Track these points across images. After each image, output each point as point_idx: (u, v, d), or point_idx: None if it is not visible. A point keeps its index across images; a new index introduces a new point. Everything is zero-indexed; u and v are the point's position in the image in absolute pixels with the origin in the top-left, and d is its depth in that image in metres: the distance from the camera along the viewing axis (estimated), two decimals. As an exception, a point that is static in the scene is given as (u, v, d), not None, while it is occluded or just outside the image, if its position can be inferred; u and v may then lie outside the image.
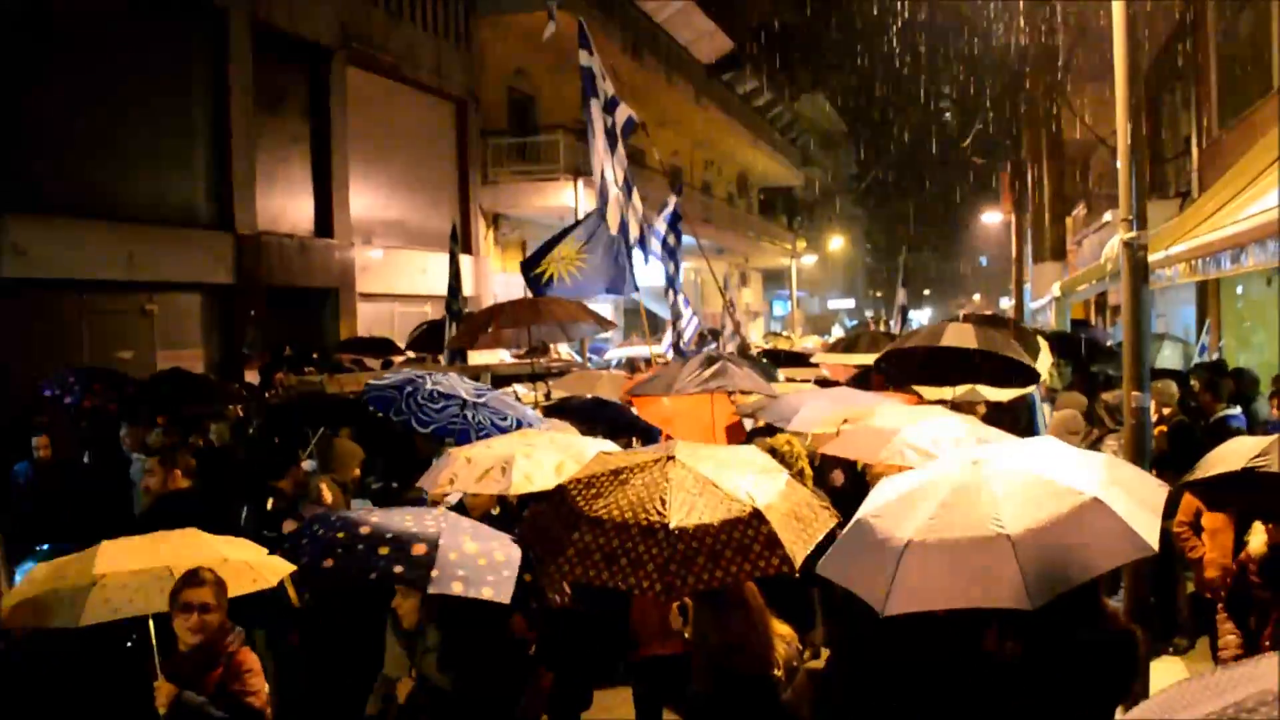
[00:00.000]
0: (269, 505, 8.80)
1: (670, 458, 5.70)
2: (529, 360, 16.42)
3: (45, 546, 8.85)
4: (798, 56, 69.01)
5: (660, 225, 17.61)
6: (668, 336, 18.72)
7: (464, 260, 31.02)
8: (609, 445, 8.25)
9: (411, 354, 20.14)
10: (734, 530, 5.22)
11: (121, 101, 19.75)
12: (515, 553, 6.20)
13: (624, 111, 14.95)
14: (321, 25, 24.88)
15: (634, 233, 14.85)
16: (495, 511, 7.81)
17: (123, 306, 19.99)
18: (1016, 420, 12.09)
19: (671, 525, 5.18)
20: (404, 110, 29.29)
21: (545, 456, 7.49)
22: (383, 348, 20.93)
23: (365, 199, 27.10)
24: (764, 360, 16.61)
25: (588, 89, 14.82)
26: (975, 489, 4.84)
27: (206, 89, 22.01)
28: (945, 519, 4.74)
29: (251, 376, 18.74)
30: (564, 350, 22.19)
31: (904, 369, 11.71)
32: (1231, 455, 6.35)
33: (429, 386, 9.47)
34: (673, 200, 17.78)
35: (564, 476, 6.63)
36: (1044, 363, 13.20)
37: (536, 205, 32.96)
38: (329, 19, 25.11)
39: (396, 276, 28.04)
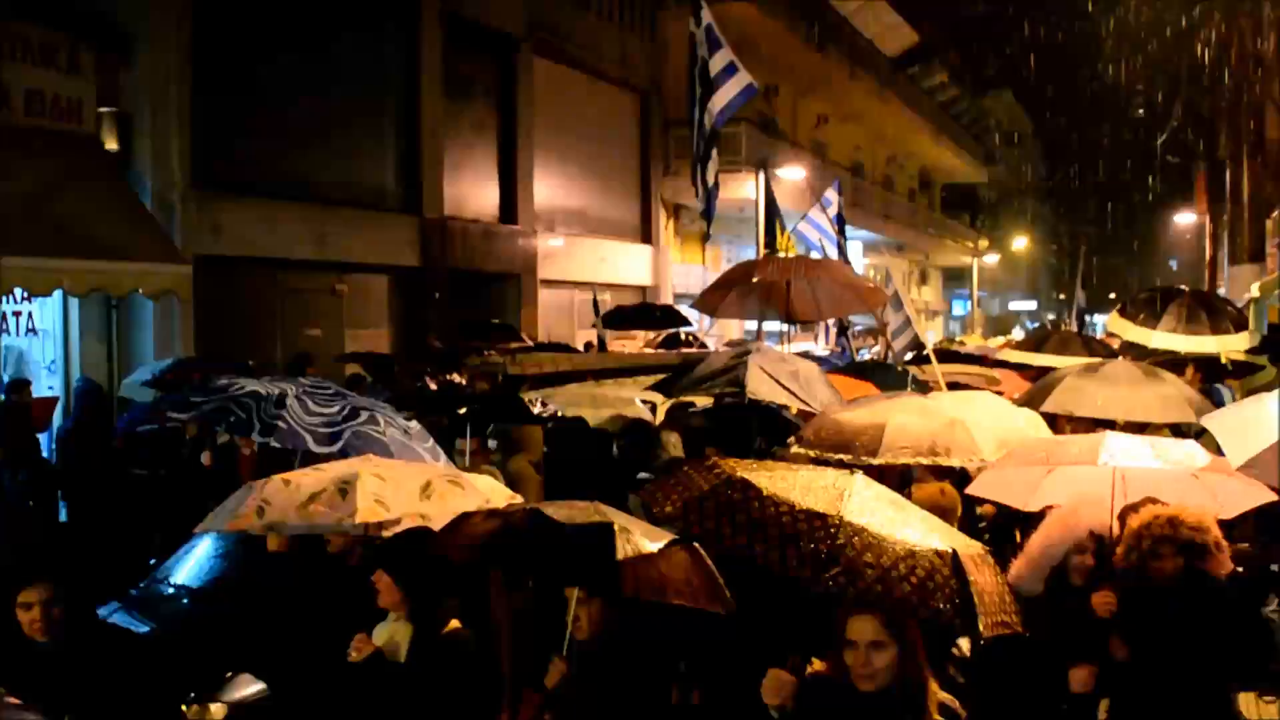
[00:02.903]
0: None
1: (853, 470, 5.30)
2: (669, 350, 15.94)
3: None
4: (985, 51, 67.81)
5: (819, 216, 17.45)
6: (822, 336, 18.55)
7: (644, 250, 31.35)
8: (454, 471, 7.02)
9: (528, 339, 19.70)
10: (917, 562, 4.61)
11: (317, 87, 20.31)
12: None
13: (743, 78, 14.70)
14: (509, 15, 25.27)
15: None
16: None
17: (314, 285, 20.58)
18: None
19: (848, 518, 4.71)
20: (588, 100, 29.58)
21: (407, 476, 6.38)
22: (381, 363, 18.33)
23: (548, 187, 27.45)
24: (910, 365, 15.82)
25: (691, 56, 14.65)
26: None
27: (398, 76, 22.53)
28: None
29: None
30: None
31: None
32: None
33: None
34: (834, 196, 17.51)
35: (436, 501, 6.09)
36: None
37: (718, 197, 32.94)
38: (516, 9, 25.48)
39: (577, 264, 28.34)
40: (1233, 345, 13.18)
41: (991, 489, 7.07)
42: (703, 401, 11.59)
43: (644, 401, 12.26)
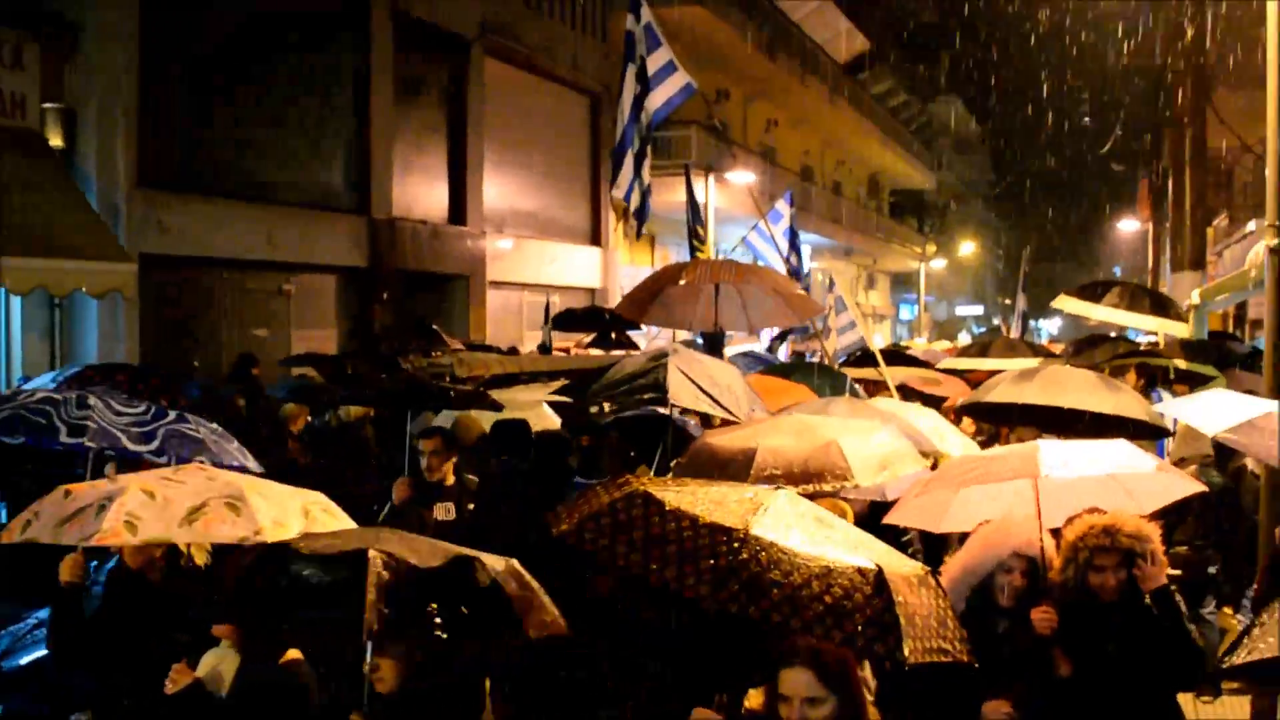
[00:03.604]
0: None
1: (780, 488, 4.98)
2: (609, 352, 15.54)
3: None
4: (934, 58, 68.37)
5: (768, 229, 17.48)
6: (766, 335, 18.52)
7: (593, 253, 31.36)
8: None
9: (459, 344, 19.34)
10: (834, 580, 4.27)
11: (266, 85, 20.21)
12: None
13: (681, 77, 14.69)
14: (461, 16, 25.19)
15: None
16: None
17: (261, 285, 20.45)
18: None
19: (753, 531, 4.37)
20: (539, 102, 29.54)
21: (285, 495, 5.94)
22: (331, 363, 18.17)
23: (498, 188, 27.40)
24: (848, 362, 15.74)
25: (627, 55, 14.63)
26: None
27: (349, 76, 22.42)
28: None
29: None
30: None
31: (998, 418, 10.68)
32: None
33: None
34: (785, 209, 17.53)
35: (318, 526, 5.67)
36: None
37: (667, 200, 32.96)
38: (468, 10, 25.41)
39: (525, 266, 28.30)
40: (1172, 330, 13.58)
41: (908, 514, 6.84)
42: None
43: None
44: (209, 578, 6.02)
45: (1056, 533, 5.72)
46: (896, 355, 18.50)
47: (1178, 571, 7.32)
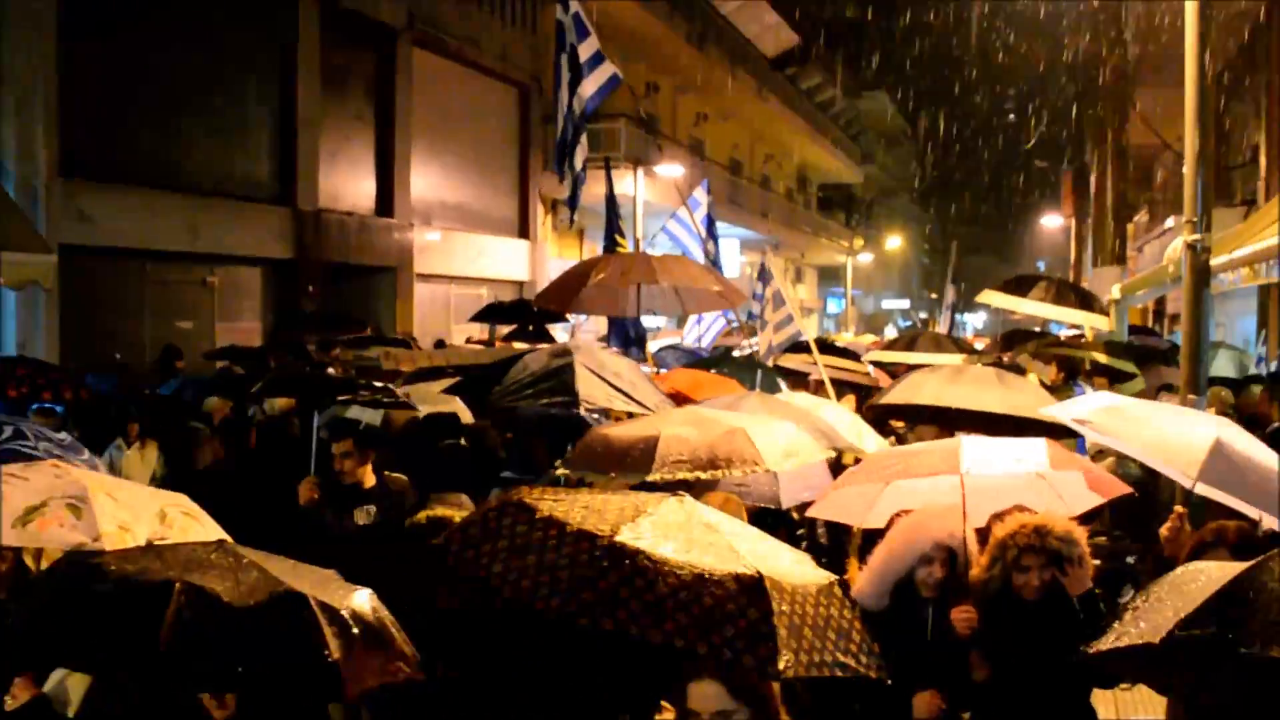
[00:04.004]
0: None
1: (679, 495, 4.58)
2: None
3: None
4: (861, 54, 68.84)
5: (687, 217, 17.53)
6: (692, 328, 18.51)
7: (522, 246, 31.28)
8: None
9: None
10: (706, 589, 3.90)
11: (190, 74, 19.93)
12: None
13: (607, 69, 14.76)
14: (388, 6, 25.01)
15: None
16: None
17: (184, 277, 20.22)
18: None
19: (618, 538, 4.02)
20: (467, 93, 29.41)
21: (141, 497, 5.41)
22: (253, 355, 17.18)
23: (426, 180, 27.26)
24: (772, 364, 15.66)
25: (559, 44, 14.70)
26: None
27: (274, 65, 22.20)
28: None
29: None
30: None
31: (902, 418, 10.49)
32: None
33: None
34: (703, 196, 17.55)
35: (176, 531, 5.13)
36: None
37: (596, 193, 32.95)
38: (396, 0, 25.26)
39: (454, 259, 28.18)
40: (1096, 323, 13.86)
41: (830, 508, 6.69)
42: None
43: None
44: None
45: (982, 531, 5.65)
46: (825, 346, 18.60)
47: (1097, 561, 7.37)
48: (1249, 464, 5.27)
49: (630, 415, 8.59)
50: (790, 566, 4.31)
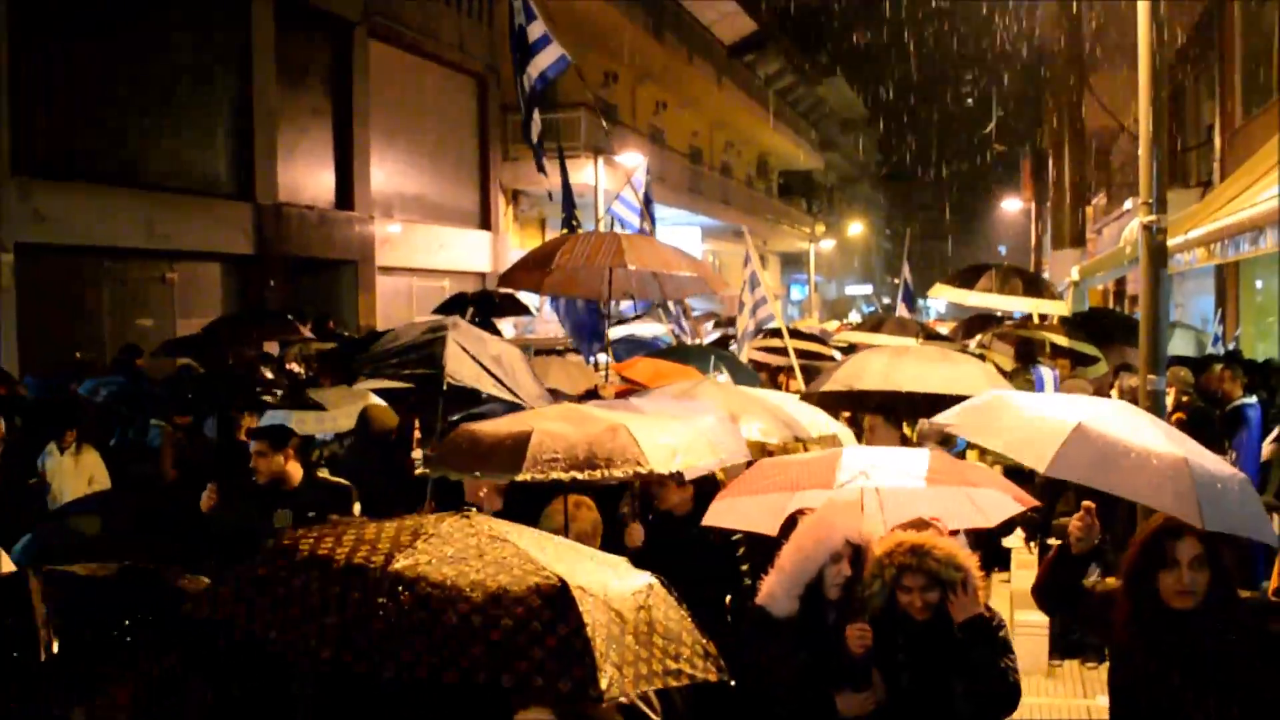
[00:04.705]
0: None
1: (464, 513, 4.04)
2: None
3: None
4: (820, 40, 68.96)
5: (631, 197, 17.46)
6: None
7: (483, 237, 31.21)
8: None
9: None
10: (505, 610, 3.44)
11: (145, 70, 19.82)
12: None
13: (555, 50, 14.74)
14: (343, -2, 24.95)
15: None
16: None
17: (144, 274, 20.11)
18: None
19: (392, 568, 3.53)
20: (426, 85, 29.32)
21: None
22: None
23: (386, 173, 27.18)
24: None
25: (510, 26, 14.75)
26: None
27: (230, 59, 22.07)
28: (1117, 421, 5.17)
29: (270, 347, 18.77)
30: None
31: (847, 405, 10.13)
32: None
33: None
34: (642, 176, 17.52)
35: None
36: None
37: (556, 182, 32.91)
38: (352, -8, 25.16)
39: (415, 251, 28.12)
40: (1049, 309, 13.90)
41: (732, 518, 6.16)
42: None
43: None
44: None
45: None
46: (792, 333, 18.71)
47: (1058, 541, 7.32)
48: (1117, 448, 5.06)
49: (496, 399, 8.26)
50: (598, 568, 3.88)
